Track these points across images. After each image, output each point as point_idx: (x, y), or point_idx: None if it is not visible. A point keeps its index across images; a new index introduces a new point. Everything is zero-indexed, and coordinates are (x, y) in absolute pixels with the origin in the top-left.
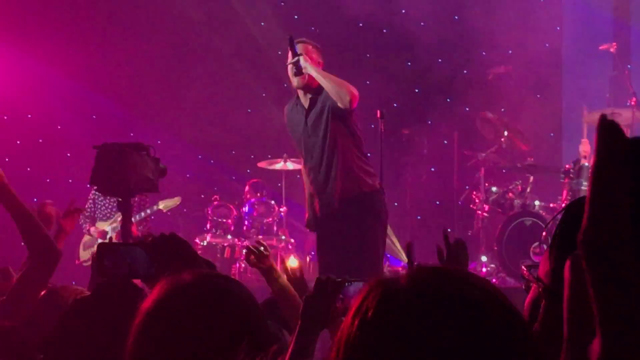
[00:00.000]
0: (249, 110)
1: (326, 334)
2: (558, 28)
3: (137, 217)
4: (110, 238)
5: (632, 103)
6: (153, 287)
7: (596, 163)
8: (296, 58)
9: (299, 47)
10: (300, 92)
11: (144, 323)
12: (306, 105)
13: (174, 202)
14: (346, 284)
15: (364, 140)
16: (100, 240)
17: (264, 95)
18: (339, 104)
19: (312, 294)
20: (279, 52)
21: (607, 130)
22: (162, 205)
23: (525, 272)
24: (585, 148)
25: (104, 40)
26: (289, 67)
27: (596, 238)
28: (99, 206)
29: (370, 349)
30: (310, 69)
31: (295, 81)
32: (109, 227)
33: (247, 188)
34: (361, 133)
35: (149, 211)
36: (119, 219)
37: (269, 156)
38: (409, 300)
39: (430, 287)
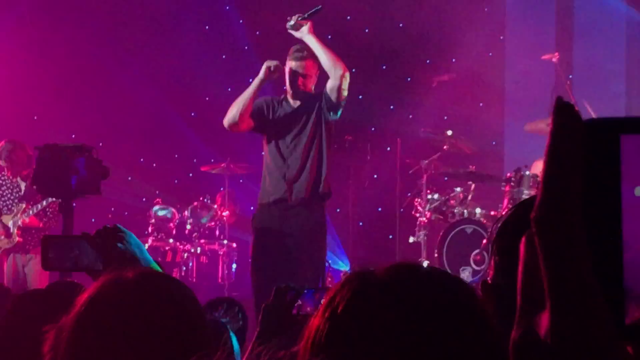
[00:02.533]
0: (193, 114)
1: None
2: (501, 37)
3: (35, 209)
4: (11, 234)
5: None
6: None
7: (551, 143)
8: (307, 17)
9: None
10: (290, 94)
11: (80, 316)
12: (295, 105)
13: None
14: (305, 292)
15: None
16: (2, 237)
17: (207, 99)
18: (331, 79)
19: (270, 302)
20: (223, 57)
21: (563, 112)
22: None
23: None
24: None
25: (45, 37)
26: (287, 75)
27: (548, 215)
28: (3, 198)
29: (338, 339)
30: (312, 37)
31: (291, 87)
32: (11, 222)
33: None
34: (334, 141)
35: (45, 202)
36: (20, 212)
37: (212, 160)
38: (382, 294)
39: (406, 282)
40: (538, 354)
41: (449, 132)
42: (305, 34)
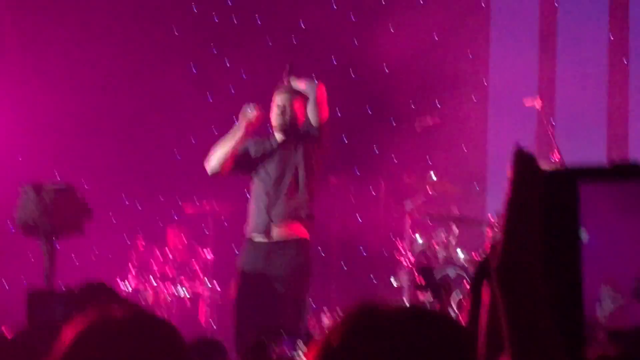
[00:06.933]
0: (179, 157)
1: None
2: (485, 82)
3: None
4: None
5: (556, 158)
6: None
7: (511, 193)
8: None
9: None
10: (276, 129)
11: (68, 353)
12: (281, 142)
13: None
14: (285, 338)
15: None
16: None
17: (193, 141)
18: (311, 120)
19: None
20: (210, 100)
21: (521, 162)
22: None
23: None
24: None
25: (29, 79)
26: (274, 109)
27: (507, 264)
28: None
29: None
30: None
31: (278, 120)
32: None
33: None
34: (319, 183)
35: None
36: None
37: (195, 197)
38: (380, 327)
39: (406, 319)
40: None
41: (433, 176)
42: (296, 87)
